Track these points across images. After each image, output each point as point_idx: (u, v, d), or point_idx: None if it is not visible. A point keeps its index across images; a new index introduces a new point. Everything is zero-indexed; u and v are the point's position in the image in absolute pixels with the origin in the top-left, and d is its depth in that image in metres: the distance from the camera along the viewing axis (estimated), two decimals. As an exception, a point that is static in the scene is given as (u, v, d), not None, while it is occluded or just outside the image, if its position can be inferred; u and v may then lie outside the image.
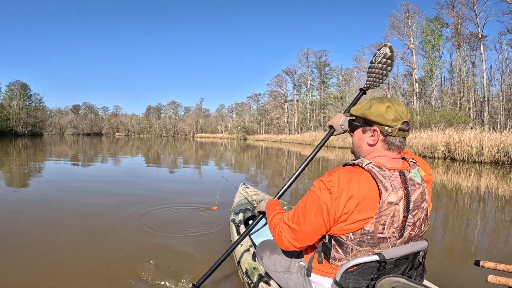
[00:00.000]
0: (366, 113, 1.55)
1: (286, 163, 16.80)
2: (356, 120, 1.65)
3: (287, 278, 1.85)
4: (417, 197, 1.50)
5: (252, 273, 2.21)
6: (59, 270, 2.97)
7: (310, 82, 64.53)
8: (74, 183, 8.15)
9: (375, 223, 1.43)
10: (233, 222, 3.22)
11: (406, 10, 38.53)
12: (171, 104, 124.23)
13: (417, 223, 1.52)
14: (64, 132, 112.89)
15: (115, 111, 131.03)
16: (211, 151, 26.69)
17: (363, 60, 51.15)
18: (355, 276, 1.48)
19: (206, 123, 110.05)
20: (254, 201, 3.82)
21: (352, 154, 1.73)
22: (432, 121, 23.82)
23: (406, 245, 1.52)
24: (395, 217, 1.45)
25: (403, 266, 1.55)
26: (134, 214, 4.96)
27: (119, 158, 17.02)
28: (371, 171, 1.44)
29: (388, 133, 1.52)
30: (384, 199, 1.41)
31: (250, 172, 12.54)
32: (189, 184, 8.93)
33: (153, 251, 3.42)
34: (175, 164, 14.99)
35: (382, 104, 1.52)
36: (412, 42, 38.50)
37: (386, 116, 1.50)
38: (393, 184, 1.44)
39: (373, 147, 1.57)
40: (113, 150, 23.89)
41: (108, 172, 11.44)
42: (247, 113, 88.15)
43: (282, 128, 68.90)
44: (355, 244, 1.47)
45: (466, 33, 35.17)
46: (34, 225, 4.38)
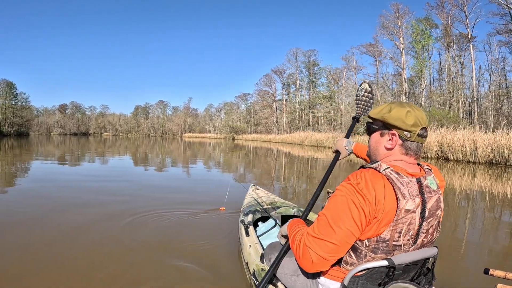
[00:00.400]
0: (385, 117, 1.52)
1: (275, 163, 16.52)
2: (374, 123, 1.62)
3: (294, 280, 1.82)
4: (433, 205, 1.48)
5: (259, 274, 2.20)
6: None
7: (299, 81, 64.23)
8: (57, 189, 7.43)
9: (392, 231, 1.40)
10: (242, 223, 3.14)
11: (396, 10, 38.38)
12: (159, 104, 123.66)
13: (430, 230, 1.51)
14: (51, 132, 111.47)
15: (103, 110, 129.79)
16: (200, 151, 26.57)
17: (352, 60, 50.89)
18: (364, 280, 1.47)
19: (194, 123, 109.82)
20: (263, 203, 3.78)
21: (368, 157, 1.71)
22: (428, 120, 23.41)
23: (416, 251, 1.49)
24: (411, 225, 1.42)
25: (412, 272, 1.53)
26: (127, 220, 4.63)
27: (109, 159, 16.73)
28: (389, 177, 1.41)
29: (406, 138, 1.51)
30: (402, 207, 1.38)
31: (239, 171, 12.25)
32: (193, 185, 8.60)
33: (151, 271, 3.03)
34: (176, 164, 14.63)
35: (402, 109, 1.50)
36: (402, 42, 38.38)
37: (405, 121, 1.48)
38: (411, 191, 1.41)
39: (391, 151, 1.55)
40: (100, 150, 23.33)
41: (96, 172, 10.98)
42: (235, 112, 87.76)
43: (271, 127, 68.48)
44: (369, 250, 1.45)
45: (456, 34, 35.33)
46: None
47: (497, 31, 32.91)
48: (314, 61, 62.25)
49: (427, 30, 35.86)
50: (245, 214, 3.41)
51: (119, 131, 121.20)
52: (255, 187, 4.61)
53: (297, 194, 7.34)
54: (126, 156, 18.99)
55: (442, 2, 35.02)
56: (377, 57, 45.36)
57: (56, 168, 11.87)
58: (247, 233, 2.90)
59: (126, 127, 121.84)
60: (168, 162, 15.75)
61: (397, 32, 38.64)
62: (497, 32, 32.92)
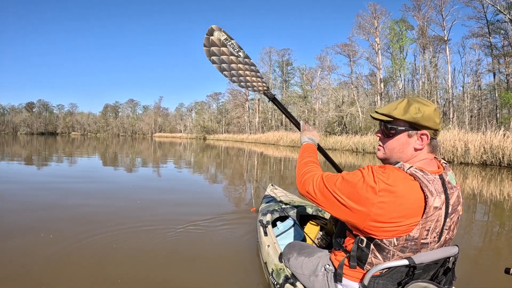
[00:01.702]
0: (418, 118, 1.47)
1: (248, 163, 15.69)
2: (398, 123, 1.53)
3: (313, 281, 1.80)
4: (455, 201, 1.47)
5: (278, 274, 2.16)
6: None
7: (272, 81, 63.19)
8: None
9: (421, 229, 1.39)
10: (260, 223, 3.10)
11: (373, 11, 37.90)
12: (129, 103, 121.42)
13: (451, 227, 1.50)
14: (17, 132, 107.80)
15: (71, 109, 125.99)
16: (170, 151, 25.27)
17: (326, 60, 50.38)
18: (384, 280, 1.46)
19: (165, 122, 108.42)
20: (282, 202, 3.75)
21: (383, 161, 1.64)
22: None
23: (437, 250, 1.47)
24: (438, 222, 1.42)
25: (432, 271, 1.51)
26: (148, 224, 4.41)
27: (80, 159, 15.37)
28: (415, 176, 1.39)
29: (433, 136, 1.51)
30: (431, 204, 1.38)
31: (210, 172, 11.57)
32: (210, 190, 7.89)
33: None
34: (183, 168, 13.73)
35: (429, 107, 1.48)
36: (378, 42, 37.91)
37: (436, 120, 1.48)
38: (436, 188, 1.41)
39: (419, 151, 1.52)
40: (69, 151, 21.68)
41: (72, 173, 10.15)
42: (206, 112, 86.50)
43: (243, 127, 67.29)
44: (397, 249, 1.43)
45: (430, 36, 35.27)
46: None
47: (472, 34, 33.22)
48: (288, 61, 61.60)
49: (404, 31, 35.55)
50: (263, 214, 3.38)
51: (87, 131, 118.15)
52: (273, 187, 4.58)
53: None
54: (107, 156, 17.92)
55: (419, 4, 34.90)
56: (351, 57, 45.13)
57: (22, 169, 11.00)
58: (265, 232, 2.86)
59: (95, 126, 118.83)
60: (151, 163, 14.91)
61: (374, 32, 38.16)
62: (473, 35, 33.19)
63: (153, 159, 16.61)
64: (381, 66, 38.40)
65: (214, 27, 2.45)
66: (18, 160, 14.19)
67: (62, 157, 16.46)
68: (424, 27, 34.99)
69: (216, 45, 2.45)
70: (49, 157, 16.20)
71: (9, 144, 31.59)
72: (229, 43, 2.48)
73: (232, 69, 2.49)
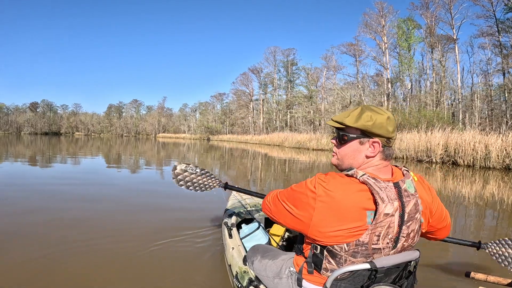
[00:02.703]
0: (369, 126, 1.49)
1: (252, 165, 15.28)
2: (350, 131, 1.56)
3: (277, 283, 1.83)
4: (411, 209, 1.48)
5: (242, 276, 2.18)
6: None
7: (276, 81, 62.61)
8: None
9: (370, 234, 1.41)
10: (225, 225, 3.11)
11: (380, 9, 37.22)
12: (133, 103, 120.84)
13: (410, 234, 1.51)
14: (21, 131, 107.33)
15: (75, 109, 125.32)
16: (173, 151, 25.16)
17: (332, 60, 49.76)
18: (346, 284, 1.47)
19: (168, 123, 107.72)
20: (247, 204, 3.75)
21: (337, 166, 1.67)
22: (413, 121, 22.17)
23: (398, 254, 1.50)
24: (390, 228, 1.43)
25: (393, 275, 1.53)
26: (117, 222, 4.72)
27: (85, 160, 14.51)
28: (367, 182, 1.41)
29: (386, 144, 1.52)
30: (381, 211, 1.39)
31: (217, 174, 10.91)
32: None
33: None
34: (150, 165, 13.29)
35: (382, 116, 1.50)
36: (385, 41, 37.20)
37: (388, 128, 1.50)
38: (389, 195, 1.42)
39: (371, 159, 1.53)
40: (72, 152, 21.35)
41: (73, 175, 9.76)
42: (210, 112, 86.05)
43: (247, 128, 66.78)
44: (349, 255, 1.45)
45: (439, 35, 34.53)
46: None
47: (481, 33, 32.40)
48: (293, 60, 60.86)
49: (413, 29, 34.88)
50: (228, 216, 3.40)
51: (91, 131, 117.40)
52: None
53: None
54: (110, 157, 17.31)
55: (427, 2, 34.21)
56: (357, 57, 44.55)
57: (24, 170, 10.83)
58: (230, 235, 2.87)
59: (99, 126, 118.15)
60: (143, 162, 14.77)
61: (381, 31, 37.46)
62: (482, 34, 32.38)
63: (156, 160, 16.23)
64: (388, 66, 37.71)
65: (175, 164, 3.21)
66: (13, 160, 13.89)
67: (61, 157, 16.09)
68: (432, 26, 34.30)
69: (180, 174, 3.15)
70: (47, 157, 15.85)
71: (13, 143, 31.44)
72: (188, 168, 3.18)
73: (194, 183, 3.16)
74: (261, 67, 64.84)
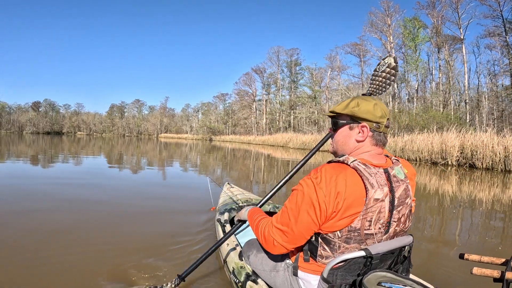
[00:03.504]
0: (355, 111, 1.57)
1: (253, 165, 14.81)
2: (340, 118, 1.66)
3: (274, 276, 1.85)
4: (401, 194, 1.53)
5: (239, 272, 2.17)
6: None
7: (280, 81, 62.05)
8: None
9: (362, 219, 1.44)
10: (218, 222, 3.18)
11: (387, 8, 36.61)
12: (135, 103, 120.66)
13: (401, 219, 1.55)
14: (23, 131, 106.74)
15: (77, 109, 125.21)
16: (176, 152, 24.50)
17: (336, 60, 49.21)
18: (342, 272, 1.50)
19: (171, 123, 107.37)
20: (239, 200, 3.83)
21: (333, 154, 1.75)
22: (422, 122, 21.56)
23: (392, 240, 1.54)
24: (381, 213, 1.47)
25: (389, 261, 1.57)
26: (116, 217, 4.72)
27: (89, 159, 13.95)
28: (357, 168, 1.46)
29: (375, 129, 1.57)
30: (371, 196, 1.43)
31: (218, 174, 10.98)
32: (172, 188, 8.01)
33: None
34: (152, 165, 13.06)
35: (369, 102, 1.58)
36: (391, 41, 36.61)
37: (375, 113, 1.55)
38: (379, 181, 1.46)
39: (361, 143, 1.59)
40: (74, 151, 21.02)
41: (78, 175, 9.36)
42: (213, 113, 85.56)
43: (250, 128, 66.21)
44: (342, 241, 1.48)
45: (445, 34, 33.95)
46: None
47: (488, 33, 31.77)
48: (296, 61, 60.23)
49: (420, 28, 34.26)
50: (221, 213, 3.42)
51: (93, 131, 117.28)
52: (229, 185, 4.63)
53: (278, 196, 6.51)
54: (114, 157, 16.67)
55: (433, 1, 33.63)
56: (362, 58, 44.03)
57: (20, 169, 10.46)
58: (224, 231, 2.93)
59: (101, 126, 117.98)
60: (145, 163, 14.36)
61: (387, 30, 36.87)
62: (489, 34, 31.76)
63: (157, 161, 15.96)
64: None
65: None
66: (14, 159, 13.47)
67: (61, 157, 15.67)
68: (438, 26, 33.72)
69: None
70: (45, 156, 15.56)
71: (15, 143, 31.17)
72: None
73: None
74: (264, 67, 64.34)
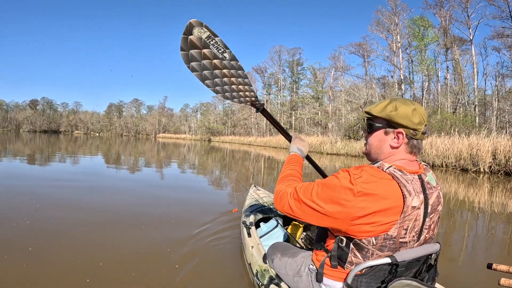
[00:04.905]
0: (392, 115, 1.52)
1: (253, 168, 13.90)
2: (376, 121, 1.60)
3: (297, 281, 1.83)
4: (434, 201, 1.51)
5: (262, 275, 2.17)
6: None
7: (281, 81, 61.01)
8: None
9: (399, 228, 1.42)
10: (243, 224, 3.10)
11: (394, 7, 35.58)
12: (134, 102, 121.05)
13: (431, 226, 1.53)
14: (20, 129, 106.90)
15: (75, 107, 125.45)
16: (174, 152, 23.79)
17: (339, 60, 48.37)
18: (367, 279, 1.47)
19: (169, 123, 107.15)
20: (265, 203, 3.78)
21: (366, 155, 1.70)
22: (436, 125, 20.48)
23: (419, 247, 1.50)
24: (417, 221, 1.45)
25: (414, 268, 1.53)
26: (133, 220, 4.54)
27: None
28: (394, 175, 1.42)
29: (412, 136, 1.52)
30: (409, 204, 1.40)
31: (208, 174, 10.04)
32: (192, 191, 7.60)
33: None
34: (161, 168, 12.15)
35: (407, 107, 1.51)
36: (399, 40, 35.57)
37: (412, 119, 1.49)
38: (415, 188, 1.43)
39: (396, 150, 1.55)
40: (71, 150, 20.62)
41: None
42: (212, 113, 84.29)
43: (249, 129, 65.07)
44: (376, 248, 1.44)
45: (454, 35, 33.07)
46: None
47: (497, 34, 30.80)
48: (299, 60, 59.32)
49: (430, 28, 33.23)
50: (247, 215, 3.37)
51: (90, 130, 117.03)
52: (255, 188, 4.56)
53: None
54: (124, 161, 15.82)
55: (441, 0, 32.72)
56: (366, 58, 43.14)
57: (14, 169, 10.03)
58: (249, 234, 2.87)
59: (98, 125, 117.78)
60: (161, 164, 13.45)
61: (394, 29, 35.82)
62: (497, 35, 30.80)
63: (155, 161, 15.62)
64: (401, 66, 36.06)
65: (193, 22, 1.91)
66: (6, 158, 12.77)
67: (58, 156, 14.98)
68: (446, 26, 32.81)
69: (196, 47, 1.95)
70: (40, 155, 14.81)
71: (11, 141, 30.67)
72: (212, 42, 1.97)
73: (216, 77, 2.06)
74: (265, 67, 63.41)
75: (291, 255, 1.94)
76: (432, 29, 33.57)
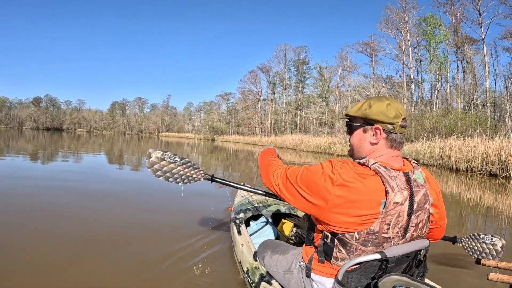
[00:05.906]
0: (367, 113, 1.55)
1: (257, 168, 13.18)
2: (354, 121, 1.64)
3: (288, 278, 1.84)
4: (421, 198, 1.50)
5: (253, 273, 2.18)
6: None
7: (286, 80, 60.27)
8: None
9: (381, 222, 1.42)
10: (233, 222, 3.16)
11: (404, 4, 34.81)
12: (137, 100, 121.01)
13: (419, 224, 1.52)
14: (22, 126, 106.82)
15: (79, 105, 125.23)
16: (176, 151, 22.33)
17: (346, 59, 47.67)
18: (357, 275, 1.49)
19: (172, 122, 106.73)
20: (254, 201, 3.78)
21: (351, 156, 1.72)
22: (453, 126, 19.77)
23: (408, 243, 1.51)
24: (400, 217, 1.45)
25: (404, 264, 1.55)
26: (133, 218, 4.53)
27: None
28: (377, 171, 1.44)
29: (390, 131, 1.54)
30: (391, 199, 1.41)
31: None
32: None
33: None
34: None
35: (382, 103, 1.54)
36: (408, 38, 34.78)
37: (387, 114, 1.52)
38: (399, 184, 1.44)
39: (376, 146, 1.57)
40: (74, 148, 20.56)
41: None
42: (216, 112, 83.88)
43: (254, 129, 64.45)
44: (359, 243, 1.46)
45: (465, 34, 32.30)
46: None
47: (509, 34, 30.10)
48: (304, 59, 58.59)
49: (441, 26, 32.41)
50: (237, 213, 3.41)
51: (93, 128, 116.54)
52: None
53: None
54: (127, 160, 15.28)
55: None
56: (373, 57, 42.41)
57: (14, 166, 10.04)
58: (239, 232, 2.90)
59: (101, 123, 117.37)
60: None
61: (403, 27, 35.04)
62: (510, 34, 30.06)
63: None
64: (411, 65, 35.26)
65: (150, 151, 2.51)
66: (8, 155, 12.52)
67: (60, 154, 14.56)
68: (457, 24, 32.06)
69: (156, 163, 2.50)
70: (43, 153, 14.43)
71: (14, 138, 30.47)
72: (165, 156, 2.55)
73: (174, 174, 2.55)
74: (270, 66, 62.59)
75: (281, 252, 1.97)
76: (443, 28, 32.84)
